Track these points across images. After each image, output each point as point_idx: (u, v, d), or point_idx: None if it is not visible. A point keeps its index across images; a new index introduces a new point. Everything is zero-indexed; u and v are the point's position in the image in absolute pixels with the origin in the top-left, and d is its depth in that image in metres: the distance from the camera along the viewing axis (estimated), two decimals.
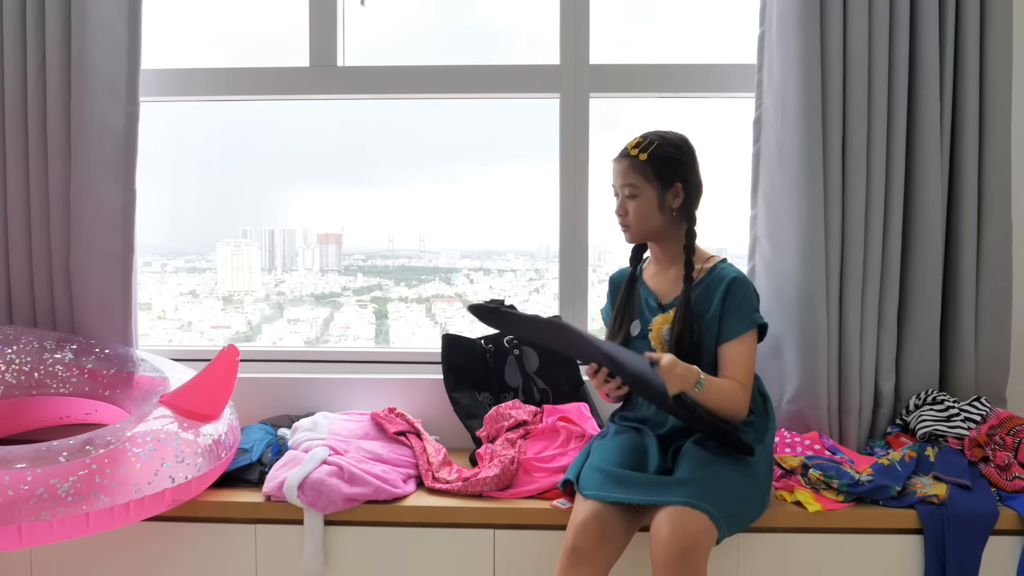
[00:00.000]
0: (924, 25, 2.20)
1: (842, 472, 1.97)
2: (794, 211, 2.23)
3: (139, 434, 1.85)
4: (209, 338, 2.92)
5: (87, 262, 2.35)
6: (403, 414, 2.27)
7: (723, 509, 1.71)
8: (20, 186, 2.37)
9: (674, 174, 1.95)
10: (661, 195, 1.95)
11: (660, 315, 1.97)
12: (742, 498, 1.80)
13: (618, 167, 1.99)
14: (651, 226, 1.97)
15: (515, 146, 2.82)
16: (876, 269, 2.24)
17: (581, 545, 1.72)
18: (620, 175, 1.98)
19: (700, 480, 1.75)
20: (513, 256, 2.98)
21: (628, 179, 1.96)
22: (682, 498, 1.70)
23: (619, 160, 1.99)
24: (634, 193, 1.95)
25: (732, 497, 1.76)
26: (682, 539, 1.65)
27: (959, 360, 2.27)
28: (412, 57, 2.64)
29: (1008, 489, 1.97)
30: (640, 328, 2.00)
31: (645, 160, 1.93)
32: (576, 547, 1.72)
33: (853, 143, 2.22)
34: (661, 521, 1.69)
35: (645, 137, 1.96)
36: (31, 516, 1.65)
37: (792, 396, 2.28)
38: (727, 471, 1.79)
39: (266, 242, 3.03)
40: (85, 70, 2.30)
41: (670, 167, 1.95)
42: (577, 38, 2.50)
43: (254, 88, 2.59)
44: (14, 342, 2.20)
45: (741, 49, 2.43)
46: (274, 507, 1.97)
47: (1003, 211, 2.25)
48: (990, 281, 2.26)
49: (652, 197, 1.95)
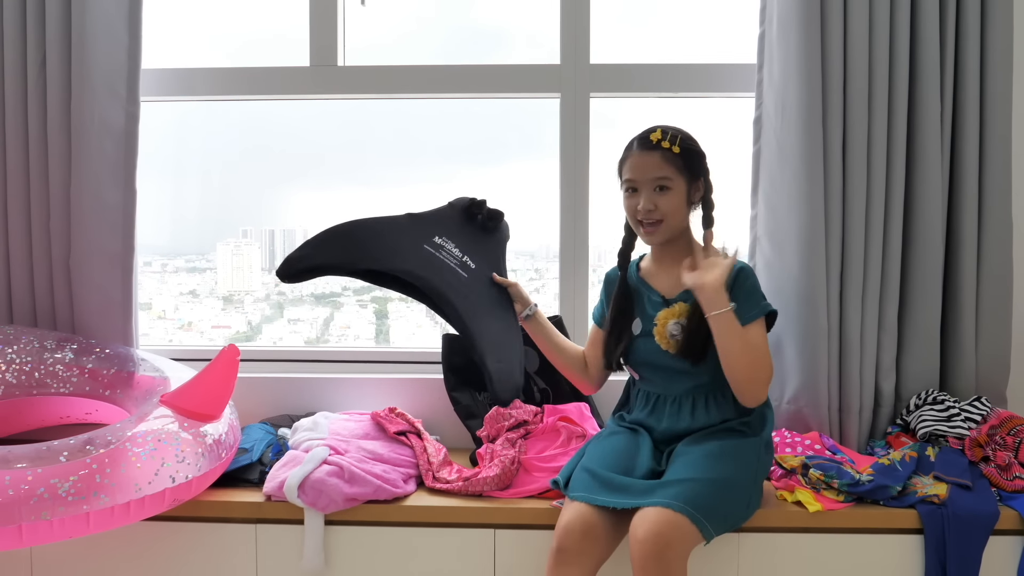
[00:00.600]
0: (924, 24, 2.20)
1: (842, 472, 1.97)
2: (794, 211, 2.23)
3: (139, 434, 1.86)
4: (209, 338, 2.93)
5: (87, 262, 2.36)
6: (403, 414, 2.27)
7: (705, 509, 1.70)
8: (20, 186, 2.37)
9: (700, 167, 1.94)
10: (690, 189, 1.93)
11: (665, 309, 1.95)
12: (729, 498, 1.79)
13: (643, 161, 1.92)
14: (681, 222, 1.95)
15: (515, 146, 2.83)
16: (876, 269, 2.24)
17: (566, 546, 1.74)
18: (651, 168, 1.91)
19: (684, 481, 1.75)
20: (513, 256, 2.97)
21: (662, 171, 1.90)
22: (663, 500, 1.71)
23: (643, 153, 1.92)
24: (667, 186, 1.90)
25: (715, 497, 1.75)
26: (656, 540, 1.65)
27: (960, 360, 2.27)
28: (412, 57, 2.64)
29: (1009, 489, 1.97)
30: (642, 326, 1.99)
31: (678, 152, 1.90)
32: (561, 548, 1.74)
33: (853, 142, 2.22)
34: (638, 523, 1.70)
35: (665, 130, 1.92)
36: (31, 515, 1.65)
37: (792, 395, 2.29)
38: (715, 472, 1.79)
39: (266, 242, 3.03)
40: (85, 70, 2.31)
41: (698, 160, 1.94)
42: (577, 38, 2.50)
43: (254, 88, 2.60)
44: (14, 342, 2.21)
45: (741, 49, 2.43)
46: (274, 507, 1.98)
47: (1003, 210, 2.25)
48: (991, 281, 2.26)
49: (684, 191, 1.92)
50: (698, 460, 1.81)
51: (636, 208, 1.93)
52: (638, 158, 1.92)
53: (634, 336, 2.00)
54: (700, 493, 1.73)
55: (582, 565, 1.73)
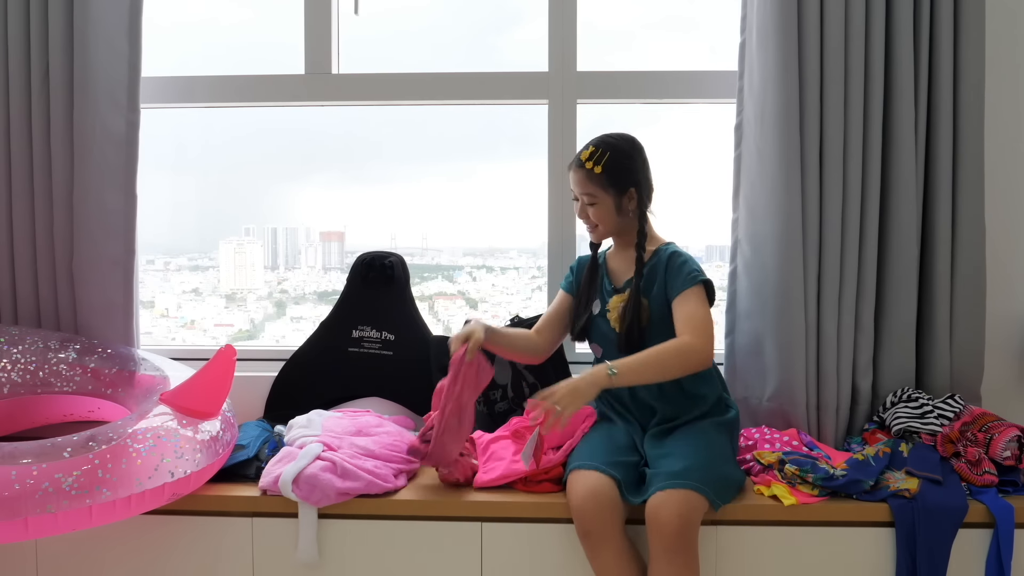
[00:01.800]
0: (899, 32, 2.24)
1: (817, 467, 2.02)
2: (773, 214, 2.28)
3: (140, 431, 1.89)
4: (212, 336, 2.95)
5: (90, 265, 2.39)
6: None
7: (713, 483, 1.87)
8: (25, 192, 2.40)
9: (628, 180, 2.09)
10: (618, 200, 2.10)
11: (616, 296, 2.13)
12: (725, 470, 1.97)
13: (575, 177, 2.12)
14: (613, 227, 2.14)
15: (517, 144, 2.85)
16: (853, 270, 2.28)
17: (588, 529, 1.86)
18: (578, 184, 2.13)
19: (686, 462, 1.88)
20: (516, 254, 3.00)
21: (586, 189, 2.10)
22: (679, 481, 1.83)
23: (575, 170, 2.12)
24: (592, 201, 2.10)
25: (717, 471, 1.92)
26: (678, 519, 1.78)
27: (934, 359, 2.32)
28: (405, 65, 2.67)
29: (978, 484, 2.01)
30: (600, 307, 2.16)
31: (600, 172, 2.07)
32: (586, 532, 1.87)
33: (830, 148, 2.26)
34: (658, 505, 1.81)
35: (597, 147, 2.09)
36: (36, 509, 1.68)
37: (772, 394, 2.33)
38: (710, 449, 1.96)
39: (269, 240, 3.05)
40: (87, 80, 2.35)
41: (623, 175, 2.09)
42: (565, 46, 2.55)
43: (251, 96, 2.64)
44: (20, 342, 2.24)
45: (724, 56, 2.47)
46: (270, 501, 2.02)
47: (976, 213, 2.29)
48: (964, 281, 2.30)
49: (610, 203, 2.10)
50: (690, 441, 1.96)
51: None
52: (573, 174, 2.15)
53: (594, 315, 2.16)
54: (708, 469, 1.88)
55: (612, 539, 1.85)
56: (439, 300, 3.03)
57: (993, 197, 2.35)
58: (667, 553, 1.78)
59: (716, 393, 2.11)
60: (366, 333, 2.50)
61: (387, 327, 2.51)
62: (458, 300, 3.03)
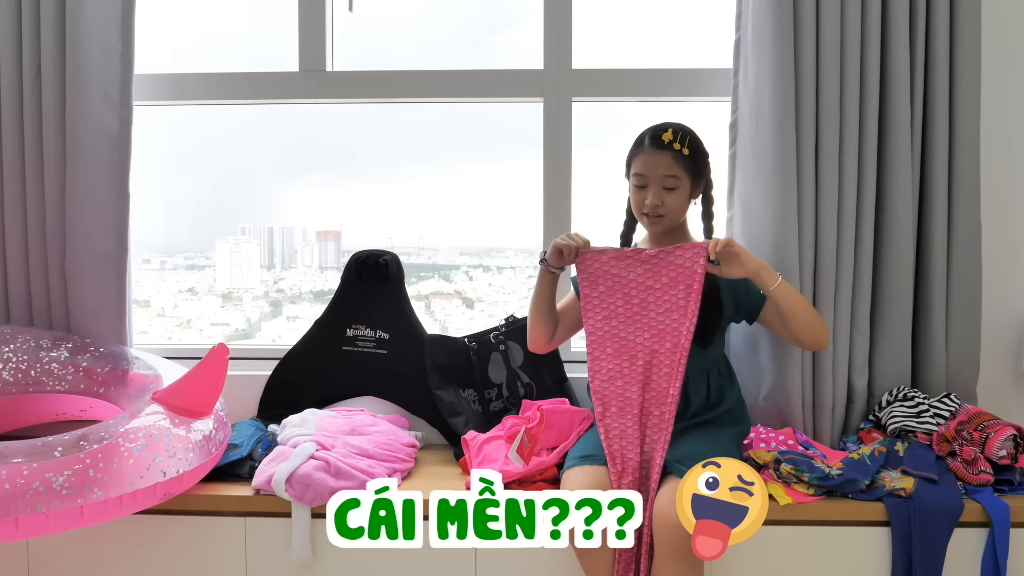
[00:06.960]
0: (895, 32, 2.23)
1: (812, 466, 2.02)
2: (768, 213, 2.27)
3: (132, 430, 1.88)
4: (208, 335, 2.94)
5: (82, 263, 2.38)
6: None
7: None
8: (17, 190, 2.39)
9: (705, 168, 2.06)
10: (694, 188, 2.05)
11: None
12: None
13: (657, 159, 2.01)
14: (681, 216, 2.08)
15: (514, 142, 2.84)
16: (848, 270, 2.28)
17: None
18: (661, 166, 2.01)
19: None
20: (512, 253, 3.00)
21: (671, 171, 2.01)
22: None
23: (656, 152, 2.02)
24: (674, 185, 2.01)
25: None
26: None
27: (930, 358, 2.31)
28: (400, 62, 2.67)
29: (974, 483, 2.01)
30: None
31: (688, 155, 2.00)
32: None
33: (826, 147, 2.25)
34: (670, 504, 1.76)
35: (676, 129, 2.01)
36: (27, 509, 1.67)
37: (768, 393, 2.33)
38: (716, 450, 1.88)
39: (265, 239, 3.04)
40: (79, 77, 2.33)
41: (704, 161, 2.06)
42: (560, 44, 2.54)
43: (245, 92, 2.63)
44: (11, 341, 2.23)
45: (719, 54, 2.46)
46: (263, 500, 2.01)
47: (972, 213, 2.28)
48: (960, 281, 2.29)
49: (688, 189, 2.04)
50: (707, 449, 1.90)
51: (643, 202, 2.04)
52: (649, 155, 2.02)
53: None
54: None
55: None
56: (436, 299, 3.03)
57: (989, 195, 2.34)
58: (675, 554, 1.77)
59: (736, 395, 2.10)
60: (360, 332, 2.49)
61: (382, 326, 2.50)
62: (454, 300, 3.03)
